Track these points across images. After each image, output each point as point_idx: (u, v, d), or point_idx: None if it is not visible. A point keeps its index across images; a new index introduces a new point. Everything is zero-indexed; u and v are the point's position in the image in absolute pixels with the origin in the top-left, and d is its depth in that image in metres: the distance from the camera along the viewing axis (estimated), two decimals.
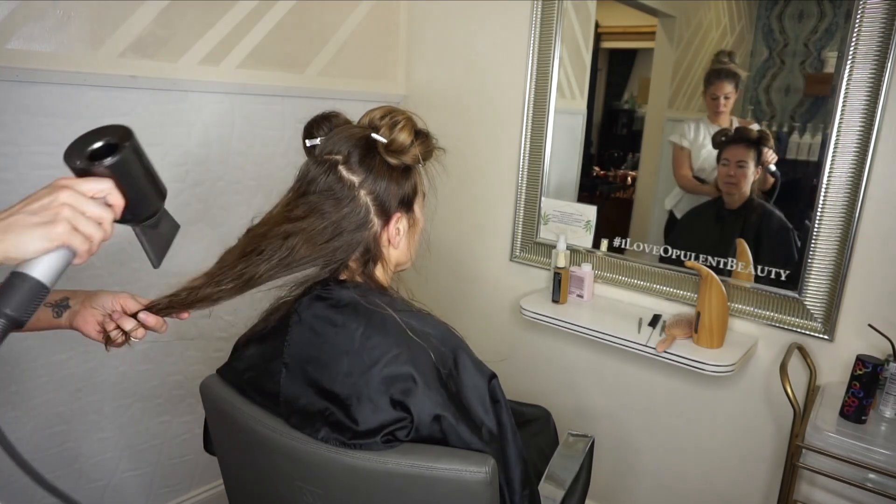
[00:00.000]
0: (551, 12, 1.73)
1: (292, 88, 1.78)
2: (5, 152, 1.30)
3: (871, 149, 1.28)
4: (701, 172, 1.60)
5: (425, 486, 0.79)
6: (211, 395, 0.95)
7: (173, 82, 1.52)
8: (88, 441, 1.57)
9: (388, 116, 0.90)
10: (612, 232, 1.73)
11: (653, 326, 1.55)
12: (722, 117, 1.52)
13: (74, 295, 0.85)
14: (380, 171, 0.88)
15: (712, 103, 1.53)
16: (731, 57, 1.48)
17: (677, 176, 1.64)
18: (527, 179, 1.87)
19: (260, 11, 1.66)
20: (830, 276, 1.38)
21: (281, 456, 0.85)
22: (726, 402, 1.59)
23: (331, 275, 0.89)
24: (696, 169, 1.61)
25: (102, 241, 0.62)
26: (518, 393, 1.49)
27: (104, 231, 0.62)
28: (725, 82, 1.50)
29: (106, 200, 0.62)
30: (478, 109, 1.96)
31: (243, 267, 0.81)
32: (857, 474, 1.21)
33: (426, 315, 0.90)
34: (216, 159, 1.66)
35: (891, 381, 1.25)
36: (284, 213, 0.86)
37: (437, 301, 2.17)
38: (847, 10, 1.29)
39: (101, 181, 0.62)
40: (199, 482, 1.85)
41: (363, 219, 0.87)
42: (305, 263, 0.84)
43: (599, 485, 1.82)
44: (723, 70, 1.50)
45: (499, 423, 0.87)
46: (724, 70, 1.50)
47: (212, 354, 1.76)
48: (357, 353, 0.83)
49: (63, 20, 1.32)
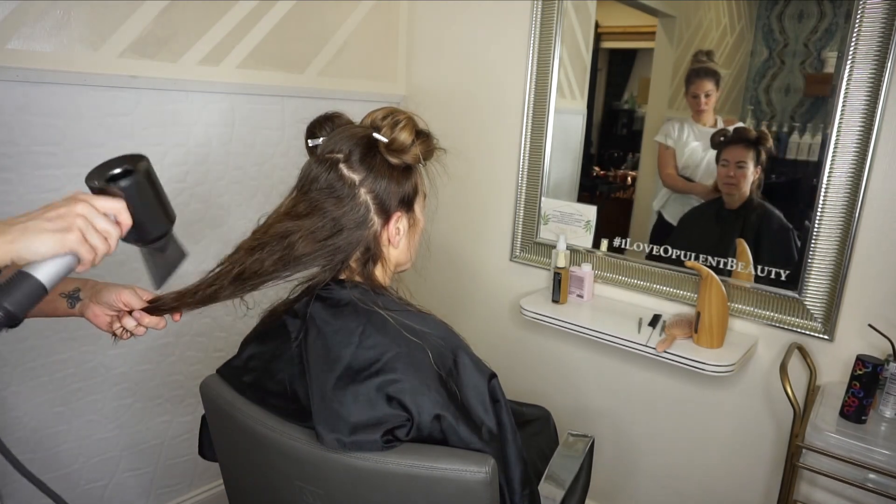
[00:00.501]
0: (551, 12, 1.73)
1: (292, 88, 1.78)
2: (5, 152, 1.30)
3: (871, 149, 1.28)
4: (685, 170, 1.61)
5: (425, 486, 0.79)
6: (211, 394, 0.95)
7: (173, 82, 1.52)
8: (88, 441, 1.57)
9: (390, 116, 0.90)
10: (612, 232, 1.73)
11: (653, 326, 1.55)
12: (704, 116, 1.54)
13: (84, 285, 0.88)
14: (380, 170, 0.88)
15: (693, 102, 1.55)
16: (710, 56, 1.50)
17: (662, 175, 1.66)
18: (527, 179, 1.87)
19: (260, 11, 1.66)
20: (830, 276, 1.38)
21: (281, 456, 0.85)
22: (726, 402, 1.59)
23: (331, 275, 0.89)
24: (680, 167, 1.62)
25: (105, 255, 0.69)
26: (518, 393, 1.49)
27: (108, 246, 0.68)
28: (705, 80, 1.52)
29: (116, 218, 0.69)
30: (478, 109, 1.96)
31: (246, 263, 0.83)
32: (857, 474, 1.21)
33: (426, 315, 0.90)
34: (216, 159, 1.67)
35: (891, 381, 1.25)
36: (286, 212, 0.86)
37: (436, 301, 2.17)
38: (847, 10, 1.29)
39: (114, 200, 0.69)
40: (199, 482, 1.85)
41: (363, 217, 0.87)
42: (305, 262, 0.85)
43: (599, 485, 1.82)
44: (701, 69, 1.52)
45: (499, 423, 0.87)
46: (703, 69, 1.52)
47: (212, 354, 1.76)
48: (356, 351, 0.83)
49: (63, 20, 1.32)
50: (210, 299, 0.84)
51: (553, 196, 1.84)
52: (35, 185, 1.35)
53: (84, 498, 1.59)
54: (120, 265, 1.51)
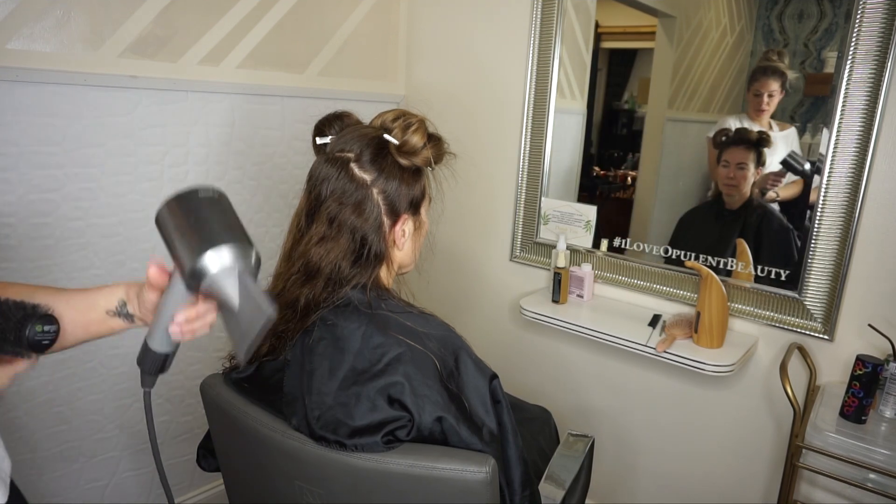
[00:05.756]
0: (551, 12, 1.73)
1: (292, 88, 1.78)
2: (5, 152, 1.30)
3: (871, 149, 1.28)
4: None
5: (425, 487, 0.79)
6: (211, 394, 0.95)
7: (173, 82, 1.52)
8: (88, 441, 1.57)
9: (402, 119, 0.90)
10: (612, 232, 1.73)
11: (653, 326, 1.55)
12: (763, 116, 1.46)
13: (128, 297, 0.77)
14: (391, 171, 0.88)
15: (755, 101, 1.47)
16: (781, 56, 1.42)
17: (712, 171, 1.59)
18: (527, 179, 1.87)
19: (260, 11, 1.66)
20: (830, 276, 1.38)
21: (281, 456, 0.85)
22: (726, 402, 1.59)
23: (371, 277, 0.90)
24: None
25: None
26: (518, 393, 1.49)
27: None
28: (771, 80, 1.44)
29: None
30: (478, 109, 1.96)
31: (301, 296, 0.88)
32: (857, 474, 1.21)
33: (428, 316, 0.90)
34: (216, 159, 1.66)
35: (891, 381, 1.25)
36: (313, 233, 0.88)
37: (436, 301, 2.17)
38: (847, 10, 1.29)
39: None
40: (199, 482, 1.85)
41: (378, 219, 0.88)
42: (351, 278, 0.88)
43: (599, 485, 1.82)
44: (769, 67, 1.44)
45: (500, 424, 0.87)
46: (772, 67, 1.44)
47: (212, 354, 1.76)
48: (359, 352, 0.83)
49: (63, 20, 1.32)
50: (280, 338, 0.89)
51: (553, 196, 1.84)
52: (35, 185, 1.35)
53: (84, 498, 1.59)
54: (120, 266, 1.52)
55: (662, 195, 1.69)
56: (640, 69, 1.74)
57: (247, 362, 0.85)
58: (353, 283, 0.87)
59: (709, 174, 1.58)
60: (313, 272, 0.86)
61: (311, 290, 0.86)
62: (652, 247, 1.66)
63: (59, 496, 1.53)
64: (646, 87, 1.69)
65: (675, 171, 1.66)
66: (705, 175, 1.59)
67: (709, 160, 1.57)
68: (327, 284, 0.86)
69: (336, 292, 0.86)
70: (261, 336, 0.60)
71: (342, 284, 0.87)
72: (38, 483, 1.49)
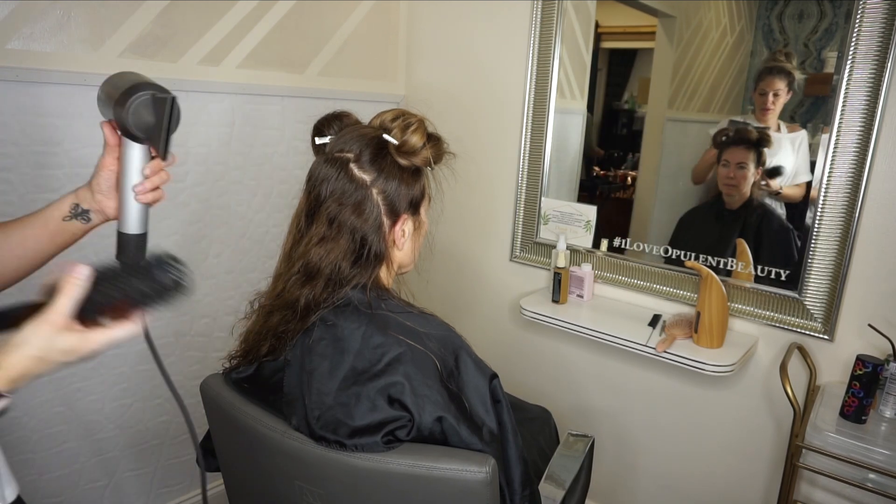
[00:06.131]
0: (551, 12, 1.73)
1: (292, 88, 1.78)
2: (5, 152, 1.30)
3: (871, 149, 1.28)
4: None
5: (425, 486, 0.79)
6: (211, 394, 0.95)
7: (173, 82, 1.51)
8: (89, 440, 1.56)
9: (401, 119, 0.90)
10: (612, 232, 1.73)
11: (653, 326, 1.55)
12: (769, 116, 1.45)
13: (79, 198, 0.84)
14: (391, 171, 0.88)
15: (760, 100, 1.46)
16: (788, 57, 1.42)
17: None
18: (527, 179, 1.87)
19: (260, 11, 1.66)
20: (830, 276, 1.38)
21: (281, 456, 0.85)
22: (726, 402, 1.59)
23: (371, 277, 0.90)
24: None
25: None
26: (518, 393, 1.49)
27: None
28: (777, 79, 1.43)
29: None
30: (478, 109, 1.96)
31: (301, 297, 0.88)
32: (857, 474, 1.21)
33: (428, 316, 0.90)
34: (216, 159, 1.66)
35: (891, 381, 1.25)
36: (318, 239, 0.88)
37: (436, 301, 2.17)
38: (847, 10, 1.29)
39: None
40: (199, 482, 1.85)
41: (378, 219, 0.88)
42: (351, 278, 0.88)
43: (599, 485, 1.82)
44: (775, 67, 1.43)
45: (500, 423, 0.88)
46: (777, 67, 1.43)
47: (211, 354, 1.76)
48: (359, 352, 0.83)
49: (63, 20, 1.32)
50: (280, 338, 0.89)
51: (553, 196, 1.84)
52: (35, 185, 1.35)
53: (84, 498, 1.59)
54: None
55: (662, 195, 1.70)
56: (640, 69, 1.74)
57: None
58: (353, 283, 0.87)
59: (700, 173, 1.60)
60: (313, 272, 0.86)
61: (311, 290, 0.86)
62: (652, 247, 1.66)
63: (59, 496, 1.53)
64: (646, 87, 1.69)
65: (675, 171, 1.66)
66: (701, 173, 1.59)
67: (702, 160, 1.58)
68: (327, 285, 0.86)
69: (336, 292, 0.86)
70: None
71: (342, 285, 0.86)
72: (38, 483, 1.49)
